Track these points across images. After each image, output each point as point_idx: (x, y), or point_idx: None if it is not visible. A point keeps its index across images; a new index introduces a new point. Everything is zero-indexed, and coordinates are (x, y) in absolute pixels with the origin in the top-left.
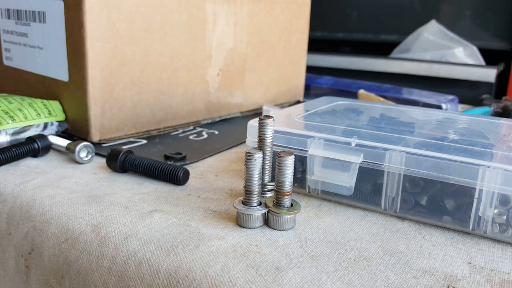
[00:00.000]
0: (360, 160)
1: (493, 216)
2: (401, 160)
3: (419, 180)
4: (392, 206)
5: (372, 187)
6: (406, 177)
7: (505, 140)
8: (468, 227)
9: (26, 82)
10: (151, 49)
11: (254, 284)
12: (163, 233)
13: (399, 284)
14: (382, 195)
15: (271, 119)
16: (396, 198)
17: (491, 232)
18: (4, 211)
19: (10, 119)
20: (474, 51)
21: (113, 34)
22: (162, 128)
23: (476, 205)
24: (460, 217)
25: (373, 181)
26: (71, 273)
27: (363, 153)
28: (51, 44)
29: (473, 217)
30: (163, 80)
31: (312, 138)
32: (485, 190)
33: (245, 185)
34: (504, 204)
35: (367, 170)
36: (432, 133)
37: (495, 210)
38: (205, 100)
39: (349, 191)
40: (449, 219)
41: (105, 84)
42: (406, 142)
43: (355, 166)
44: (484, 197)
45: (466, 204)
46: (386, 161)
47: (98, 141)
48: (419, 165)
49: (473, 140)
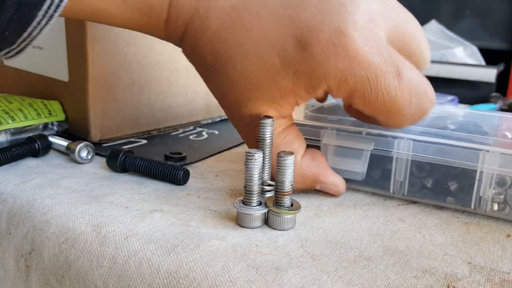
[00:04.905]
0: (371, 148)
1: (492, 196)
2: (408, 147)
3: (425, 165)
4: (400, 189)
5: (382, 173)
6: (413, 162)
7: (498, 129)
8: (470, 207)
9: (26, 82)
10: (151, 49)
11: (254, 283)
12: (163, 233)
13: (399, 283)
14: (391, 180)
15: (270, 119)
16: (404, 182)
17: (491, 210)
18: (4, 211)
19: (10, 119)
20: (474, 51)
21: (113, 34)
22: (162, 128)
23: (477, 186)
24: (462, 198)
25: (383, 167)
26: (71, 273)
27: (374, 141)
28: (51, 44)
29: (475, 197)
30: (163, 80)
31: (325, 129)
32: (485, 172)
33: (245, 185)
34: (501, 185)
35: (377, 157)
36: (433, 123)
37: (494, 190)
38: (205, 100)
39: (362, 177)
40: (453, 200)
41: (105, 84)
42: (412, 131)
43: (367, 153)
44: (484, 178)
45: (468, 186)
46: (395, 148)
47: (98, 141)
48: (425, 151)
49: (470, 129)
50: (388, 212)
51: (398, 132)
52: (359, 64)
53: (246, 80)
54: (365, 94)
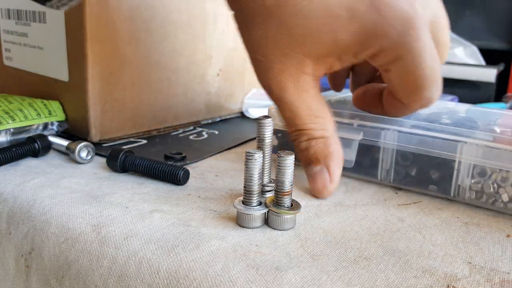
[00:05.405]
0: (360, 138)
1: (470, 185)
2: (394, 137)
3: (409, 155)
4: (387, 177)
5: (370, 161)
6: (398, 152)
7: (490, 124)
8: (450, 195)
9: (26, 82)
10: (151, 49)
11: (254, 283)
12: (163, 233)
13: (399, 283)
14: (378, 168)
15: (269, 119)
16: (390, 170)
17: (469, 198)
18: (4, 211)
19: (10, 119)
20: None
21: (113, 34)
22: (162, 128)
23: (456, 175)
24: (443, 186)
25: (371, 156)
26: (71, 273)
27: (362, 132)
28: (51, 44)
29: (454, 186)
30: (163, 80)
31: None
32: (463, 162)
33: (245, 185)
34: (482, 175)
35: (366, 146)
36: (429, 118)
37: (472, 180)
38: (205, 100)
39: (351, 164)
40: (434, 188)
41: (105, 84)
42: (401, 123)
43: (356, 142)
44: (462, 168)
45: (448, 175)
46: (382, 138)
47: (98, 141)
48: (409, 142)
49: (463, 123)
50: (388, 212)
51: (386, 124)
52: (416, 38)
53: (306, 29)
54: (407, 65)
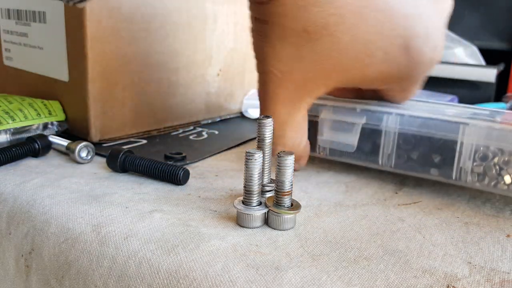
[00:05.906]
0: (363, 121)
1: (472, 167)
2: (395, 121)
3: (411, 138)
4: (388, 162)
5: (372, 147)
6: (400, 136)
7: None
8: (452, 178)
9: (26, 82)
10: (151, 49)
11: (254, 283)
12: (163, 232)
13: (399, 283)
14: (379, 153)
15: (269, 119)
16: (391, 155)
17: (470, 181)
18: (4, 211)
19: (10, 119)
20: (474, 51)
21: (113, 34)
22: (162, 128)
23: (458, 158)
24: (445, 169)
25: (373, 141)
26: (71, 273)
27: (365, 116)
28: (51, 44)
29: (455, 168)
30: (163, 80)
31: (323, 106)
32: (465, 144)
33: (245, 185)
34: (484, 159)
35: (368, 131)
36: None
37: (474, 162)
38: (205, 100)
39: (353, 148)
40: (436, 171)
41: (105, 84)
42: (403, 108)
43: (358, 126)
44: (464, 150)
45: (449, 158)
46: (384, 122)
47: (98, 141)
48: (411, 124)
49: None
50: (388, 212)
51: (389, 108)
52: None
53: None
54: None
